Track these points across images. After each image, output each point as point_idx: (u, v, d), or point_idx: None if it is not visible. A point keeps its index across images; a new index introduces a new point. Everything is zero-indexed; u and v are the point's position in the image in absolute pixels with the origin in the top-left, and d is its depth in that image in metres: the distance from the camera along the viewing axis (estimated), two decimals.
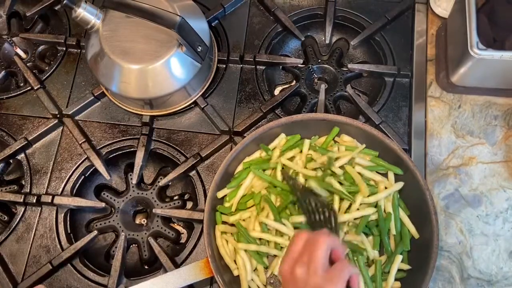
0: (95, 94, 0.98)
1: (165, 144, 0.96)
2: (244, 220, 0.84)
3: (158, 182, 0.97)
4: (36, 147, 0.98)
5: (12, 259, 0.90)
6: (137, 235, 0.94)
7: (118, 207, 0.96)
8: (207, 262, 0.78)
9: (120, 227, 0.95)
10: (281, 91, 1.02)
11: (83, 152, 0.95)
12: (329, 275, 0.61)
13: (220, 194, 0.84)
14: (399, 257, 0.78)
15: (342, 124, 0.85)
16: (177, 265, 0.87)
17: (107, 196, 0.98)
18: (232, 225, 0.84)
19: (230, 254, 0.81)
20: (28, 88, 1.01)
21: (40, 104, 1.00)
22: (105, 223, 0.95)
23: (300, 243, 0.65)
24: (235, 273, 0.81)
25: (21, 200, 0.92)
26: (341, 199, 0.81)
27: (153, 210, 0.92)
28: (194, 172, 0.94)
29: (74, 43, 1.03)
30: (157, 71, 0.85)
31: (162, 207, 0.95)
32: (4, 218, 0.98)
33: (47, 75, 1.02)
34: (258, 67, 1.00)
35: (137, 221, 0.98)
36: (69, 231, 0.93)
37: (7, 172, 1.01)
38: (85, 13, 0.83)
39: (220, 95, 0.98)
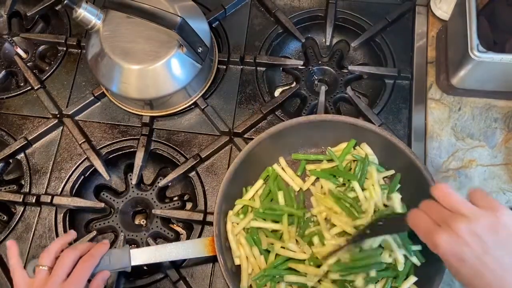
0: (95, 95, 0.98)
1: (165, 144, 0.96)
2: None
3: (158, 182, 0.97)
4: (36, 147, 0.98)
5: None
6: (137, 236, 0.94)
7: (118, 208, 0.96)
8: (212, 241, 0.79)
9: (119, 227, 0.94)
10: (281, 92, 1.02)
11: (82, 152, 0.95)
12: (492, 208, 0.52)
13: None
14: (412, 278, 0.77)
15: (365, 131, 0.84)
16: (176, 266, 0.87)
17: (107, 196, 0.98)
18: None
19: (237, 241, 0.82)
20: (28, 88, 1.01)
21: (40, 104, 1.00)
22: (104, 223, 0.95)
23: (426, 213, 0.56)
24: (236, 261, 0.81)
25: (21, 200, 0.92)
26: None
27: (153, 211, 0.91)
28: (193, 173, 0.94)
29: (74, 43, 1.03)
30: (157, 72, 0.85)
31: (161, 208, 0.95)
32: (4, 218, 0.98)
33: (48, 75, 1.02)
34: (258, 68, 1.00)
35: (137, 222, 0.98)
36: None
37: (6, 172, 1.01)
38: (85, 13, 0.83)
39: (220, 96, 0.98)
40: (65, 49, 1.04)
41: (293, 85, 1.02)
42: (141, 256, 0.77)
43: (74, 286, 0.67)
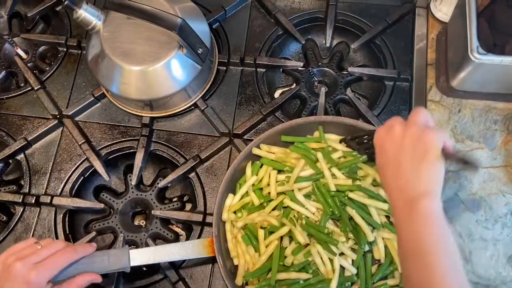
0: (95, 95, 0.98)
1: (164, 145, 0.96)
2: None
3: (157, 183, 0.97)
4: (36, 148, 0.98)
5: None
6: (136, 237, 0.94)
7: (117, 208, 0.96)
8: (212, 242, 0.79)
9: (118, 228, 0.94)
10: (281, 94, 1.02)
11: (82, 153, 0.95)
12: (427, 127, 0.60)
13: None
14: None
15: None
16: (175, 267, 0.87)
17: (106, 197, 0.97)
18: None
19: (234, 242, 0.82)
20: (29, 89, 1.01)
21: (40, 105, 1.00)
22: (104, 224, 0.95)
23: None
24: (235, 261, 0.81)
25: (20, 201, 0.92)
26: None
27: (152, 212, 0.91)
28: (193, 174, 0.94)
29: (75, 44, 1.03)
30: (157, 73, 0.85)
31: (161, 209, 0.95)
32: (3, 218, 0.98)
33: (48, 75, 1.02)
34: (258, 69, 1.00)
35: (136, 223, 0.98)
36: (67, 232, 0.92)
37: (6, 172, 1.01)
38: (86, 14, 0.83)
39: (220, 97, 0.98)
40: (65, 49, 1.04)
41: (293, 87, 1.02)
42: (140, 256, 0.78)
43: (45, 268, 0.68)
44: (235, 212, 0.84)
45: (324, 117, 0.89)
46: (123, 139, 0.97)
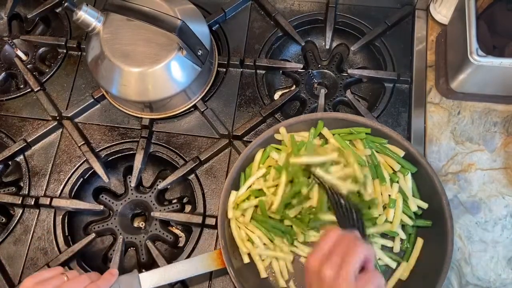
0: (95, 97, 0.98)
1: (164, 147, 0.96)
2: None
3: (157, 185, 0.97)
4: (35, 149, 0.98)
5: (9, 261, 0.90)
6: (135, 238, 0.94)
7: (117, 210, 0.96)
8: (220, 254, 0.79)
9: (118, 230, 0.94)
10: (281, 95, 1.02)
11: (82, 155, 0.95)
12: (359, 283, 0.58)
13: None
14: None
15: (359, 124, 0.85)
16: None
17: (106, 198, 0.97)
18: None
19: (243, 238, 0.82)
20: (28, 90, 1.01)
21: (39, 106, 1.00)
22: (103, 226, 0.95)
23: (333, 240, 0.62)
24: (245, 259, 0.81)
25: (19, 202, 0.92)
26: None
27: (152, 213, 0.91)
28: (193, 175, 0.94)
29: (74, 45, 1.03)
30: (157, 74, 0.85)
31: (160, 210, 0.95)
32: (2, 220, 0.98)
33: (47, 77, 1.02)
34: (258, 71, 1.00)
35: (135, 224, 0.98)
36: (67, 234, 0.92)
37: (5, 173, 1.00)
38: (86, 15, 0.83)
39: (220, 99, 0.98)
40: (65, 51, 1.05)
41: (292, 88, 1.02)
42: (151, 279, 0.76)
43: None
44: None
45: (326, 114, 0.88)
46: (123, 141, 0.97)
